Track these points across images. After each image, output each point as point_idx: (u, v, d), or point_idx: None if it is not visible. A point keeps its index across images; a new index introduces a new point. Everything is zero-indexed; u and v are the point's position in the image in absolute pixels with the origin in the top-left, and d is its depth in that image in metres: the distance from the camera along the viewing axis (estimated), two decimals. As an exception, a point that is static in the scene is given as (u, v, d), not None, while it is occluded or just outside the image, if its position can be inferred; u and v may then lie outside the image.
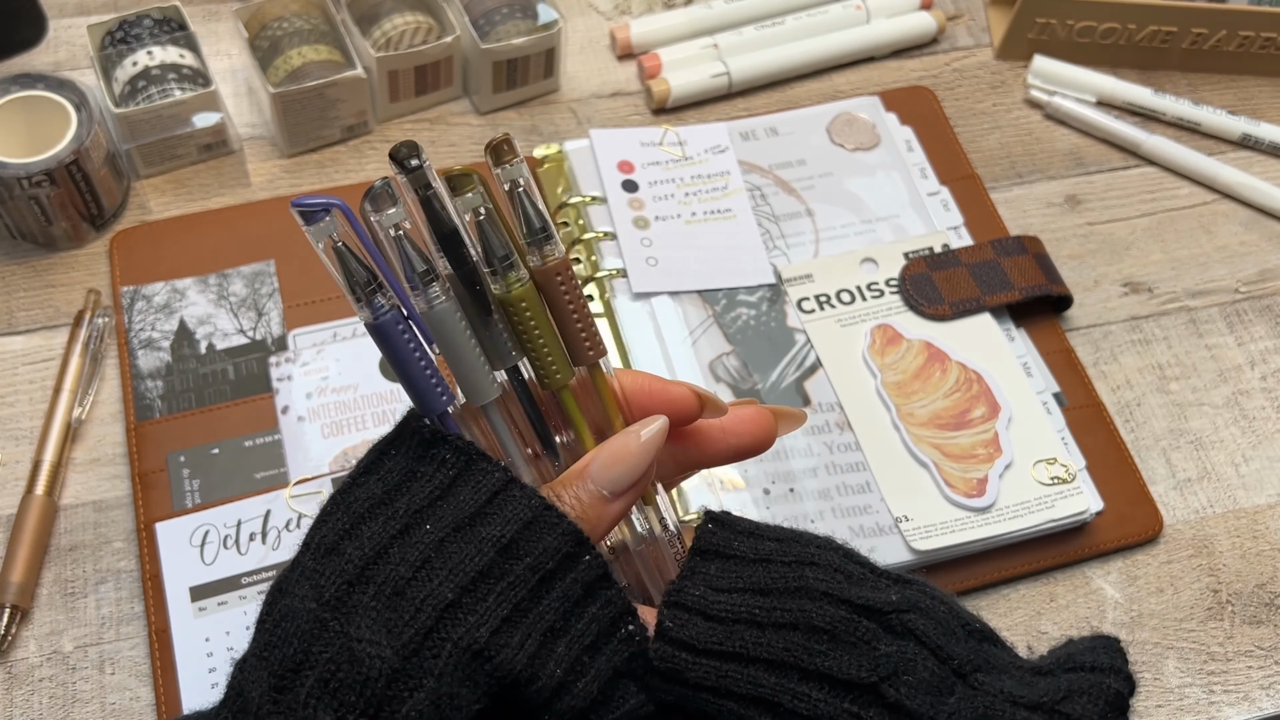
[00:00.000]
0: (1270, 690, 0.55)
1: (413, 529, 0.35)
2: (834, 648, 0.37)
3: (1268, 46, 0.76)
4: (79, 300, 0.62)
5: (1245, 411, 0.64)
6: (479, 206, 0.36)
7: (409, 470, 0.36)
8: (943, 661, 0.37)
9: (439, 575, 0.34)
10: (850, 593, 0.38)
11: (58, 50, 0.71)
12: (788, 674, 0.36)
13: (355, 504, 0.35)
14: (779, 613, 0.37)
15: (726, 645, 0.37)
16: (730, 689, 0.37)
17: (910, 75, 0.76)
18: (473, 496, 0.35)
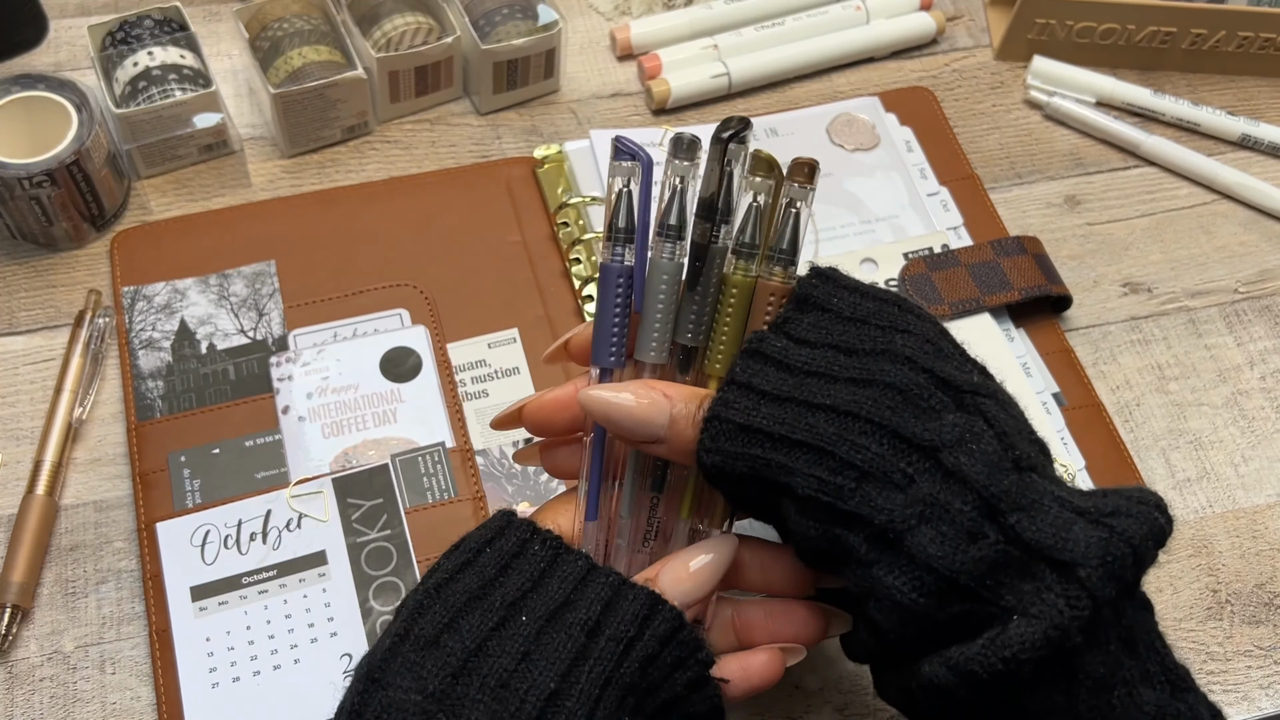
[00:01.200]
0: (1270, 690, 0.55)
1: (510, 621, 0.36)
2: (903, 406, 0.36)
3: (1267, 47, 0.76)
4: (80, 300, 0.62)
5: (1244, 411, 0.64)
6: (761, 194, 0.39)
7: (503, 564, 0.38)
8: (1005, 449, 0.36)
9: (539, 666, 0.36)
10: (934, 364, 0.38)
11: (58, 51, 0.71)
12: (848, 424, 0.36)
13: (452, 596, 0.37)
14: (856, 370, 0.38)
15: (793, 393, 0.37)
16: (785, 435, 0.37)
17: (910, 76, 0.76)
18: (561, 586, 0.37)
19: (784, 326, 0.39)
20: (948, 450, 0.36)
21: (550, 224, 0.66)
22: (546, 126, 0.71)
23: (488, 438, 0.59)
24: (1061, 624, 0.33)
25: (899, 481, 0.36)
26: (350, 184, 0.67)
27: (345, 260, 0.64)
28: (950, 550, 0.35)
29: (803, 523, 0.37)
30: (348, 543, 0.54)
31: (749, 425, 0.37)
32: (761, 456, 0.37)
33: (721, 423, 0.38)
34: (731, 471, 0.38)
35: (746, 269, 0.40)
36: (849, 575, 0.37)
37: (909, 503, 0.35)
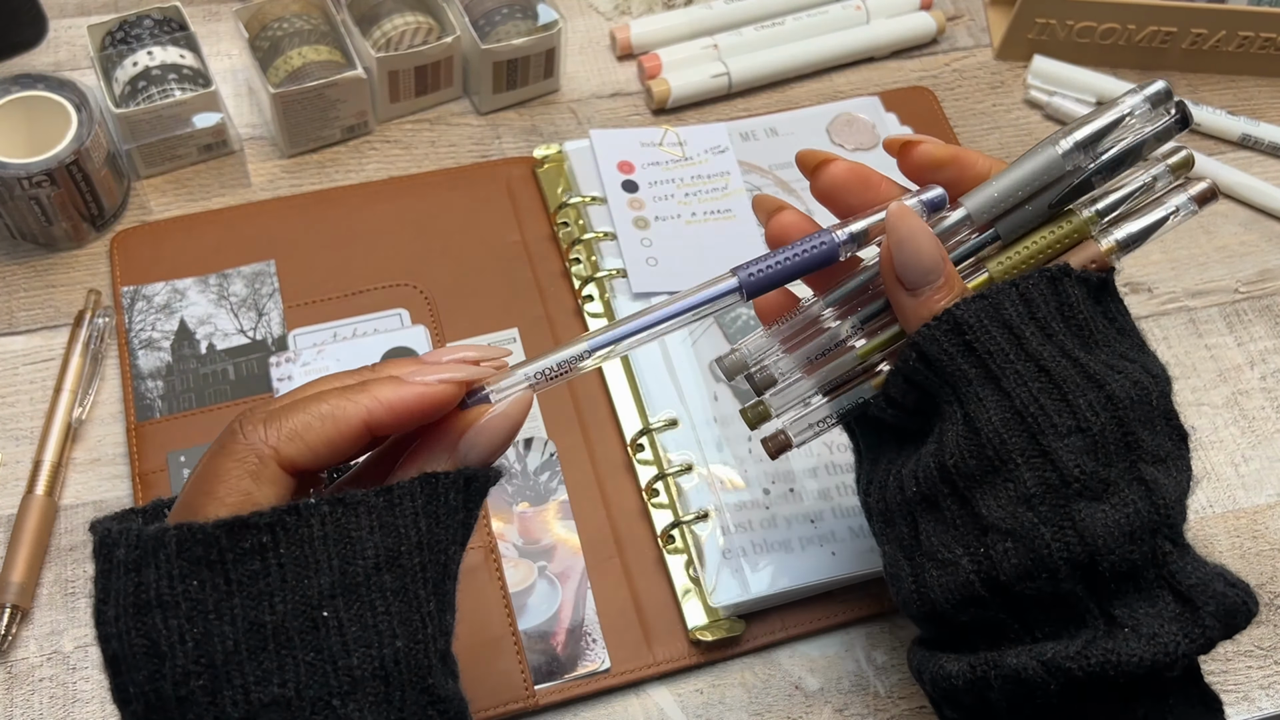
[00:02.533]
0: (1270, 690, 0.55)
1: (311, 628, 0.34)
2: (1136, 404, 0.39)
3: (1267, 47, 0.76)
4: (79, 300, 0.62)
5: (1245, 411, 0.64)
6: (1159, 182, 0.41)
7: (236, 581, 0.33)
8: (1184, 494, 0.40)
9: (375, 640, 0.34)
10: (1167, 394, 0.40)
11: (58, 50, 0.71)
12: (1089, 389, 0.38)
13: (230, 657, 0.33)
14: (1114, 358, 0.40)
15: (1060, 336, 0.39)
16: (1036, 354, 0.38)
17: (910, 75, 0.76)
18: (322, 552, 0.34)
19: (1082, 279, 0.40)
20: (1149, 463, 0.38)
21: (550, 224, 0.66)
22: (546, 126, 0.71)
23: (488, 438, 0.59)
24: (1174, 652, 0.36)
25: (1101, 456, 0.37)
26: (350, 184, 0.67)
27: (345, 260, 0.64)
28: (1112, 535, 0.37)
29: (994, 425, 0.38)
30: (347, 543, 0.54)
31: (1012, 325, 0.39)
32: (1004, 355, 0.38)
33: (993, 304, 0.39)
34: (968, 345, 0.39)
35: (1093, 223, 0.41)
36: (992, 504, 0.38)
37: (1101, 477, 0.37)
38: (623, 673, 0.53)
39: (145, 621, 0.33)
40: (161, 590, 0.33)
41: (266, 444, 0.34)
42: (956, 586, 0.39)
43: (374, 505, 0.34)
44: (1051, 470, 0.37)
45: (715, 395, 0.59)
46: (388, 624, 0.34)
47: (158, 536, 0.33)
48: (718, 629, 0.54)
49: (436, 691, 0.35)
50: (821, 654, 0.55)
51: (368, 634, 0.34)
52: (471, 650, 0.53)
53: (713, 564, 0.55)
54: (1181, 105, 0.40)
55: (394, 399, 0.35)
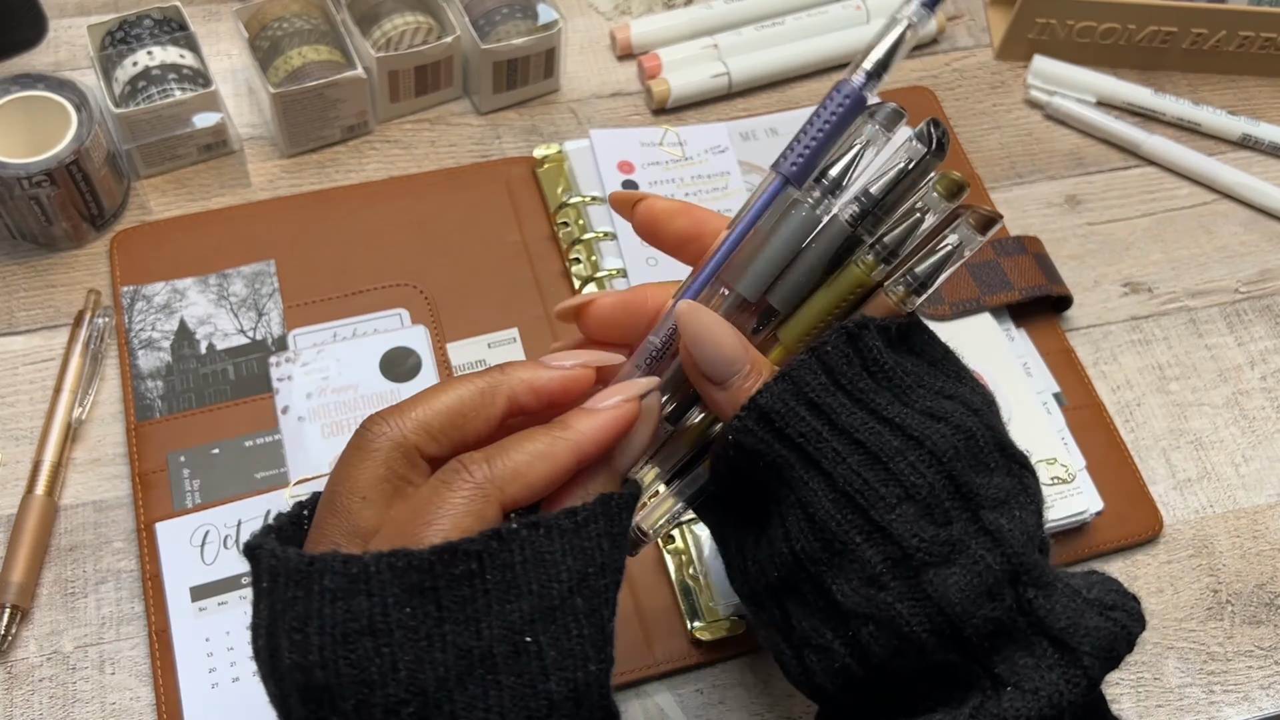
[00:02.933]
0: (1270, 690, 0.55)
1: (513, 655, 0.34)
2: (965, 452, 0.37)
3: (1268, 46, 0.76)
4: (79, 300, 0.62)
5: (1245, 411, 0.64)
6: (927, 212, 0.38)
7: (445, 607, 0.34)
8: (1037, 526, 0.38)
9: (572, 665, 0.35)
10: (994, 424, 0.39)
11: (58, 50, 0.71)
12: (911, 448, 0.36)
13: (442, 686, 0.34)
14: (930, 404, 0.38)
15: (868, 397, 0.37)
16: (849, 428, 0.37)
17: (910, 75, 0.76)
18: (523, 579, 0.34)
19: (883, 329, 0.38)
20: (990, 509, 0.36)
21: (550, 224, 0.66)
22: (546, 126, 0.71)
23: (488, 438, 0.59)
24: (1059, 703, 0.35)
25: (938, 518, 0.36)
26: (350, 184, 0.67)
27: (345, 260, 0.64)
28: (969, 598, 0.35)
29: (829, 511, 0.37)
30: (347, 543, 0.54)
31: (817, 403, 0.37)
32: (818, 435, 0.37)
33: (794, 383, 0.37)
34: (779, 432, 0.38)
35: (873, 270, 0.39)
36: (845, 588, 0.37)
37: (941, 540, 0.36)
38: (623, 673, 0.53)
39: (355, 650, 0.32)
40: (375, 618, 0.33)
41: (494, 484, 0.35)
42: (836, 672, 0.38)
43: (565, 528, 0.35)
44: (891, 545, 0.36)
45: (715, 395, 0.59)
46: (581, 647, 0.34)
47: (373, 564, 0.33)
48: (718, 629, 0.54)
49: (611, 710, 0.35)
50: (821, 654, 0.55)
51: (564, 658, 0.34)
52: (471, 650, 0.53)
53: (712, 564, 0.55)
54: (928, 128, 0.38)
55: (595, 433, 0.37)
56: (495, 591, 0.33)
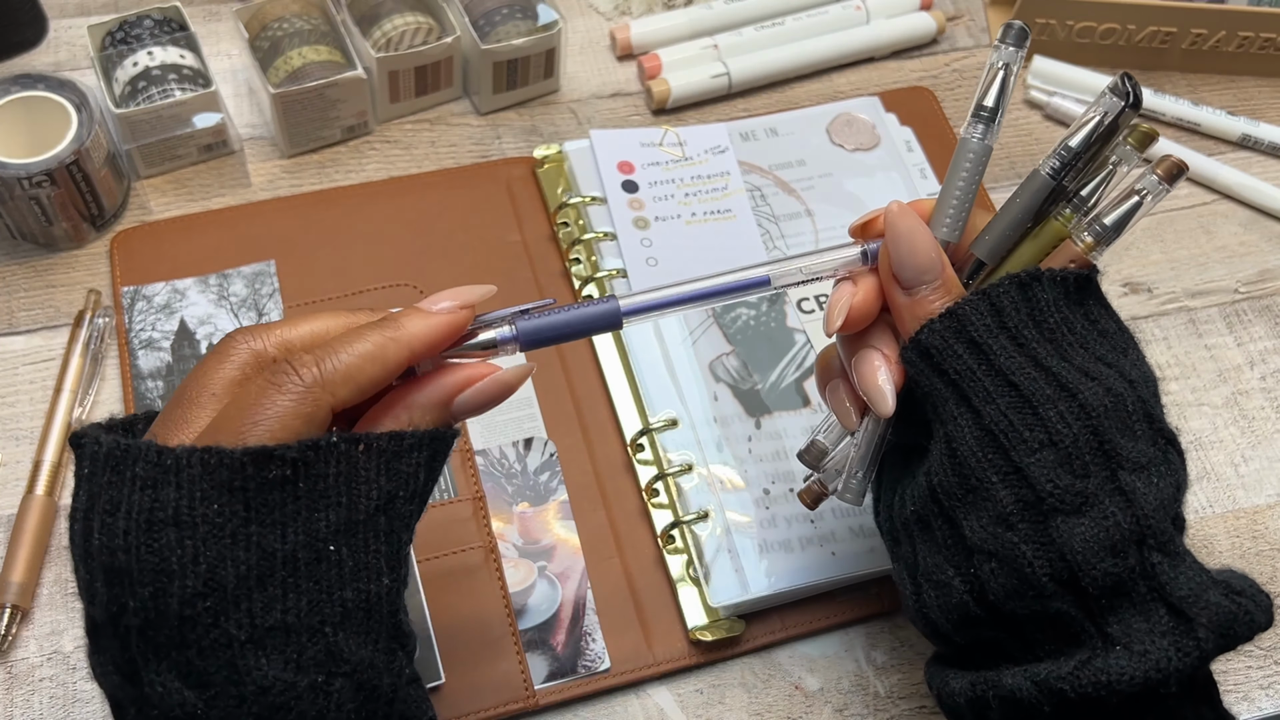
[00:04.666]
0: (1270, 690, 0.55)
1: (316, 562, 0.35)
2: (1113, 412, 0.38)
3: (1267, 47, 0.76)
4: (79, 300, 0.62)
5: (1245, 412, 0.64)
6: (1120, 163, 0.40)
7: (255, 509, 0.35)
8: (1174, 500, 0.39)
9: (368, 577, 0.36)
10: (1148, 396, 0.40)
11: (58, 51, 0.71)
12: (1062, 398, 0.37)
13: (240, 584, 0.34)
14: (1089, 363, 0.39)
15: (1030, 344, 0.38)
16: (1005, 369, 0.38)
17: (910, 76, 0.76)
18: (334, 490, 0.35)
19: (1058, 282, 0.40)
20: (1129, 470, 0.37)
21: (550, 224, 0.66)
22: (546, 126, 0.71)
23: (487, 438, 0.59)
24: (1166, 669, 0.35)
25: (1076, 469, 0.37)
26: (350, 184, 0.67)
27: (345, 260, 0.64)
28: (1092, 550, 0.36)
29: (971, 446, 0.38)
30: (348, 543, 0.54)
31: (978, 341, 0.38)
32: (972, 374, 0.38)
33: (959, 320, 0.39)
34: (936, 366, 0.39)
35: (1068, 220, 0.41)
36: (974, 524, 0.38)
37: (1075, 490, 0.37)
38: (623, 673, 0.53)
39: (157, 539, 0.33)
40: (180, 510, 0.33)
41: (322, 387, 0.35)
42: (952, 607, 0.39)
43: (385, 450, 0.36)
44: (1026, 488, 0.37)
45: (715, 395, 0.59)
46: (377, 562, 0.36)
47: (184, 457, 0.33)
48: (718, 629, 0.54)
49: (403, 627, 0.37)
50: (821, 654, 0.55)
51: (361, 570, 0.35)
52: (471, 650, 0.53)
53: (713, 564, 0.55)
54: (1124, 81, 0.39)
55: (428, 333, 0.37)
56: (306, 499, 0.34)
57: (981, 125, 0.41)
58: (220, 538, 0.33)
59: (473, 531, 0.56)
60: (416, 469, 0.36)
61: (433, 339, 0.37)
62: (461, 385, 0.38)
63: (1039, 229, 0.41)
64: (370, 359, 0.36)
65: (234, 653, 0.33)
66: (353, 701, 0.35)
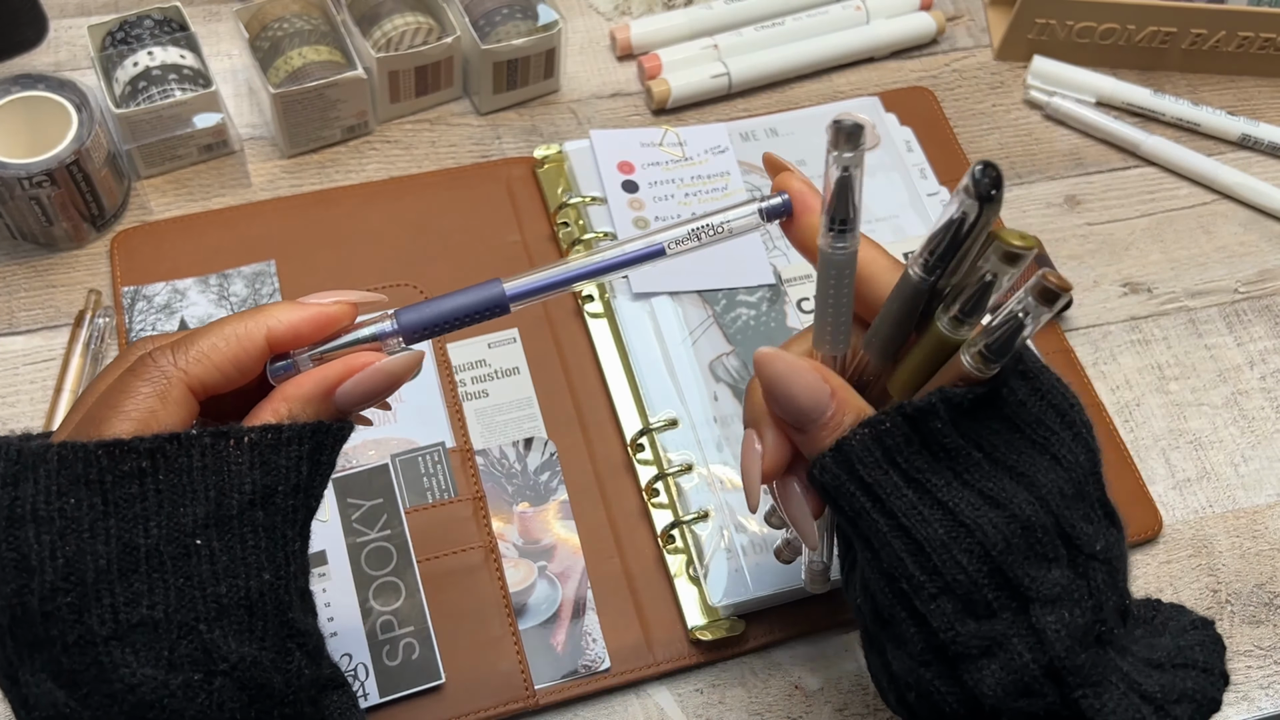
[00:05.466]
0: (1270, 690, 0.55)
1: (183, 555, 0.34)
2: (1019, 543, 0.36)
3: (1267, 47, 0.76)
4: (80, 300, 0.62)
5: (1244, 411, 0.64)
6: (996, 276, 0.35)
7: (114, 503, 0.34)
8: (1095, 622, 0.37)
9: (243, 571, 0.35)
10: (1065, 510, 0.37)
11: (58, 51, 0.71)
12: (959, 538, 0.36)
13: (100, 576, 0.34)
14: (990, 484, 0.37)
15: (922, 476, 0.37)
16: (896, 511, 0.36)
17: (910, 76, 0.76)
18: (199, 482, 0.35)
19: (952, 404, 0.37)
20: (1040, 605, 0.36)
21: (550, 224, 0.66)
22: (546, 126, 0.71)
23: (488, 437, 0.59)
24: None
25: (979, 611, 0.36)
26: (350, 184, 0.67)
27: (345, 260, 0.64)
28: (1005, 691, 0.35)
29: (879, 584, 0.38)
30: (348, 542, 0.54)
31: (867, 482, 0.37)
32: (866, 513, 0.37)
33: (846, 459, 0.37)
34: (835, 497, 0.38)
35: (957, 335, 0.37)
36: (896, 654, 0.38)
37: (979, 634, 0.36)
38: (623, 673, 0.53)
39: (17, 535, 0.33)
40: (37, 505, 0.33)
41: (175, 366, 0.35)
42: (896, 707, 0.40)
43: (259, 442, 0.35)
44: (930, 632, 0.36)
45: (715, 395, 0.59)
46: (256, 558, 0.35)
47: (39, 452, 0.33)
48: (718, 629, 0.54)
49: (296, 625, 0.36)
50: (821, 654, 0.55)
51: (236, 565, 0.34)
52: (471, 650, 0.53)
53: (713, 564, 0.55)
54: (982, 173, 0.34)
55: (293, 316, 0.37)
56: (166, 492, 0.34)
57: (836, 235, 0.37)
58: (78, 531, 0.33)
59: (473, 531, 0.56)
60: (297, 463, 0.36)
61: (296, 323, 0.37)
62: (341, 375, 0.37)
63: (926, 334, 0.38)
64: (225, 337, 0.36)
65: (98, 650, 0.33)
66: (237, 701, 0.34)
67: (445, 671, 0.52)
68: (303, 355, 0.38)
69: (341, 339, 0.38)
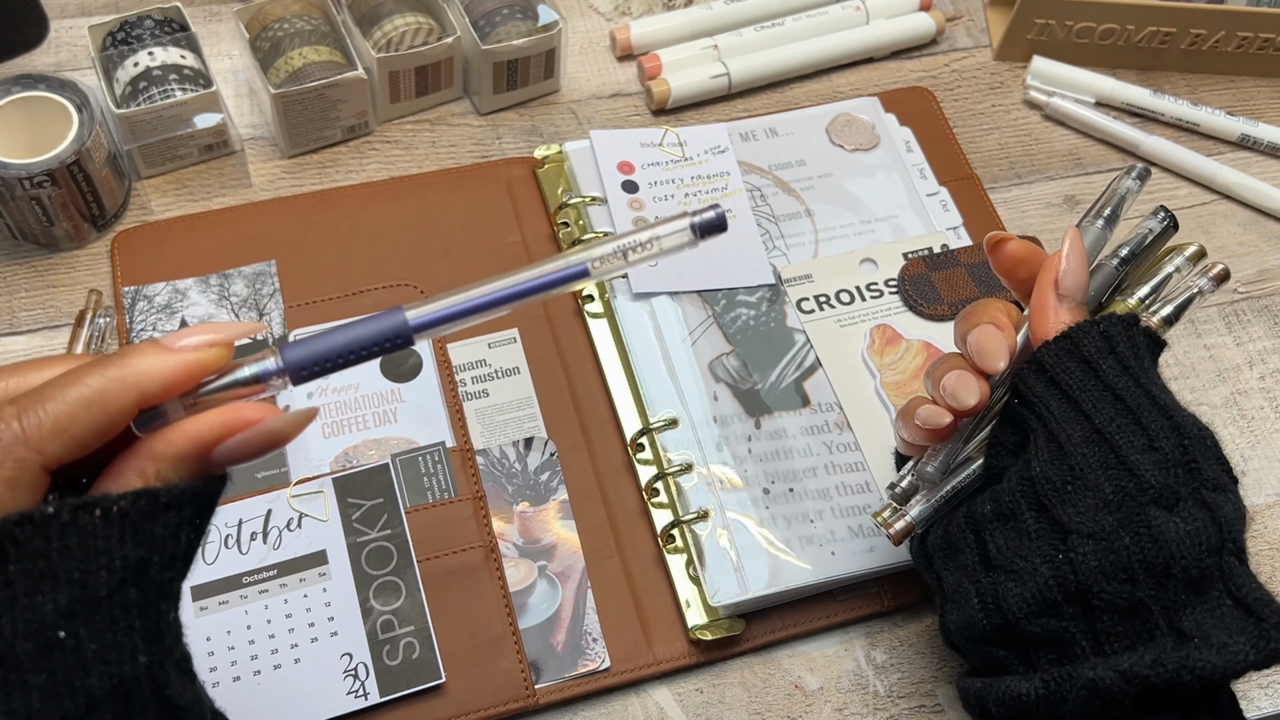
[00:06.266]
0: (1270, 690, 0.55)
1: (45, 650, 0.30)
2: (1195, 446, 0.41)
3: (1266, 47, 0.76)
4: (80, 300, 0.62)
5: (1244, 411, 0.64)
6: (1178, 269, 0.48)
7: None
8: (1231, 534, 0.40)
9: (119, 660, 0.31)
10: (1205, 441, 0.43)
11: (59, 51, 0.71)
12: (1159, 419, 0.41)
13: None
14: (1171, 406, 0.42)
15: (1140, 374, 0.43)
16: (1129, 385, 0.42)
17: (909, 76, 0.76)
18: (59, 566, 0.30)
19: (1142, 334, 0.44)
20: (1209, 489, 0.40)
21: (550, 224, 0.66)
22: (546, 126, 0.72)
23: (488, 437, 0.59)
24: (1243, 661, 0.38)
25: (1170, 475, 0.40)
26: (350, 184, 0.67)
27: (345, 260, 0.64)
28: (1181, 541, 0.39)
29: (1067, 448, 0.42)
30: (348, 542, 0.54)
31: (1089, 360, 0.43)
32: (1084, 386, 0.42)
33: (1073, 342, 0.43)
34: (1050, 379, 0.43)
35: (1130, 307, 0.47)
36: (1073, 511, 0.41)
37: (1172, 489, 0.40)
38: (623, 672, 0.53)
39: None
40: None
41: (28, 446, 0.30)
42: (1034, 594, 0.41)
43: (132, 513, 0.31)
44: (1130, 479, 0.40)
45: (715, 395, 0.59)
46: (129, 640, 0.31)
47: None
48: (718, 628, 0.54)
49: (175, 701, 0.32)
50: (821, 654, 0.55)
51: (108, 652, 0.30)
52: (471, 650, 0.53)
53: (713, 563, 0.55)
54: (1165, 215, 0.48)
55: (164, 370, 0.32)
56: (21, 583, 0.29)
57: (1103, 224, 0.48)
58: None
59: (473, 531, 0.56)
60: (175, 531, 0.31)
61: (168, 379, 0.32)
62: (219, 434, 0.32)
63: (1111, 307, 0.47)
64: (86, 405, 0.30)
65: None
66: None
67: (445, 671, 0.52)
68: (174, 403, 0.33)
69: (217, 381, 0.33)
